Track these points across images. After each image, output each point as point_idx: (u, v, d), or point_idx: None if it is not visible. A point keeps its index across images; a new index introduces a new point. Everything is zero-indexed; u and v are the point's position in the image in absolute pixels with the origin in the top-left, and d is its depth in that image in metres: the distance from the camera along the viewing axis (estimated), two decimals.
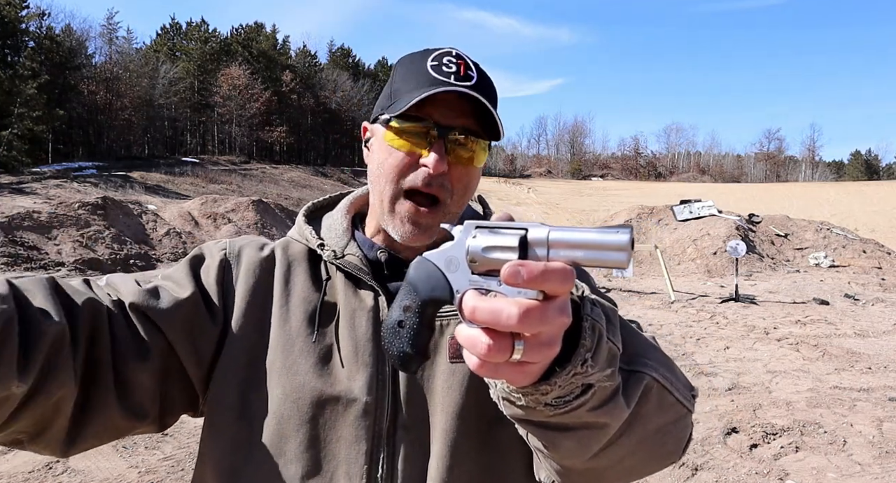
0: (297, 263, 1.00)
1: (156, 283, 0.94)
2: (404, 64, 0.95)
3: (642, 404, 0.75)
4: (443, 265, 0.65)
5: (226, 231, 22.98)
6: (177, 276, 0.97)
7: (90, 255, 16.92)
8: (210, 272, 0.98)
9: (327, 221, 1.06)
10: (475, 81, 0.90)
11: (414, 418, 0.91)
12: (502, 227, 0.62)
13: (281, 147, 72.82)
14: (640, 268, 15.25)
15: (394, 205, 0.92)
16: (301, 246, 1.03)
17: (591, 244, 0.58)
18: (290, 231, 1.09)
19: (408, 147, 0.89)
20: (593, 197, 59.53)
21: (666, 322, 8.92)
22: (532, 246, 0.60)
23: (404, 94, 0.90)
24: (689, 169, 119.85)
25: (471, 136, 0.90)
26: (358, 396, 0.90)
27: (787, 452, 4.29)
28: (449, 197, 0.91)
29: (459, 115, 0.89)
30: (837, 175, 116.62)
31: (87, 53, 58.18)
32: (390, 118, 0.90)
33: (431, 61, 0.91)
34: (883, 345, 7.48)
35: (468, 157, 0.91)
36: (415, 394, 0.92)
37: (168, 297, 0.91)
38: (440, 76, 0.89)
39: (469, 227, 0.64)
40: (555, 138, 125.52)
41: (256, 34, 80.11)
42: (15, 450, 4.17)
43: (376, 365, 0.92)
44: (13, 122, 41.93)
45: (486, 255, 0.61)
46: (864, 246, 17.64)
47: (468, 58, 0.93)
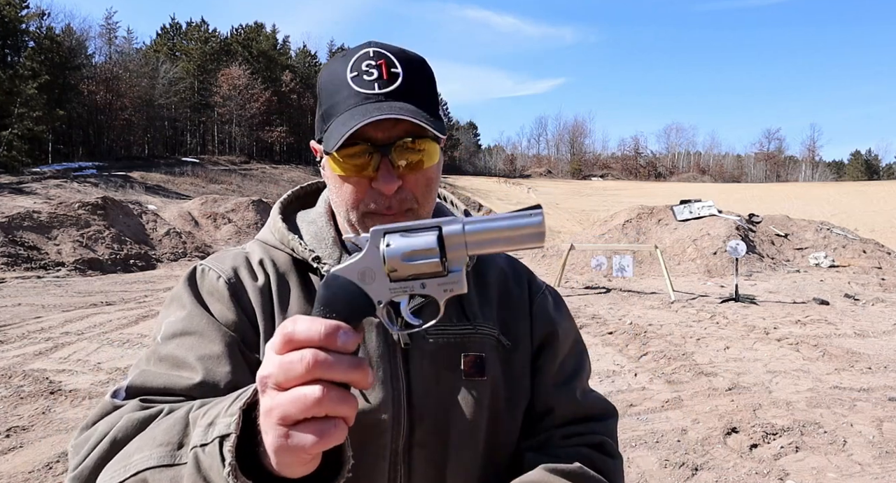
0: (288, 277, 0.96)
1: (191, 363, 0.85)
2: (325, 78, 0.91)
3: None
4: (356, 278, 0.62)
5: (226, 231, 22.98)
6: (199, 329, 0.89)
7: (90, 255, 16.92)
8: (225, 308, 0.92)
9: (310, 227, 1.01)
10: (401, 81, 0.86)
11: (428, 435, 0.91)
12: (413, 228, 0.62)
13: (281, 147, 72.86)
14: (640, 268, 15.25)
15: (363, 224, 0.89)
16: (284, 255, 0.98)
17: (507, 232, 0.60)
18: (262, 232, 1.03)
19: (355, 174, 0.87)
20: (593, 197, 59.53)
21: (666, 322, 8.92)
22: (449, 244, 0.61)
23: (334, 120, 0.86)
24: (689, 169, 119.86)
25: (415, 139, 0.86)
26: (377, 415, 0.88)
27: (787, 452, 4.28)
28: (414, 203, 0.89)
29: (396, 124, 0.85)
30: (837, 175, 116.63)
31: (87, 53, 58.25)
32: (329, 152, 0.87)
33: (351, 72, 0.86)
34: (883, 345, 7.48)
35: (418, 161, 0.87)
36: (429, 411, 0.91)
37: (222, 369, 0.85)
38: (363, 88, 0.85)
39: (377, 233, 0.63)
40: (555, 138, 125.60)
41: (256, 34, 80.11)
42: (15, 450, 4.18)
43: (391, 382, 0.90)
44: (13, 122, 41.94)
45: (409, 263, 0.61)
46: (864, 246, 17.64)
47: (389, 52, 0.87)
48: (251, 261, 0.97)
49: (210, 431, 0.65)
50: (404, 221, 0.84)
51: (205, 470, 0.64)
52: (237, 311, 0.91)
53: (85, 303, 10.51)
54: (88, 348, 7.04)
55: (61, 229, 17.59)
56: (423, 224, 0.62)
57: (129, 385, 0.85)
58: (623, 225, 19.50)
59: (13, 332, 7.90)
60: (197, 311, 0.90)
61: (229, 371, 0.84)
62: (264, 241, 1.01)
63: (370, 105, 0.84)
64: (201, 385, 0.82)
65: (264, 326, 0.90)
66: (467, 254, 0.62)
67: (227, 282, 0.93)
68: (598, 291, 12.37)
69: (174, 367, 0.85)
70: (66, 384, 5.66)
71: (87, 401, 5.22)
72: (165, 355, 0.87)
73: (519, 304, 1.06)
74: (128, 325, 8.43)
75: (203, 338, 0.87)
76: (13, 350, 6.91)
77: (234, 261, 0.97)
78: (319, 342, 0.56)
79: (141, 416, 0.77)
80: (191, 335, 0.88)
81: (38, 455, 4.13)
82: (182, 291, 0.94)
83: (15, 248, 15.78)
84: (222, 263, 0.96)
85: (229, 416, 0.64)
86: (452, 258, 0.62)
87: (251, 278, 0.94)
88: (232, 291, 0.92)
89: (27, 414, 4.90)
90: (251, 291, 0.93)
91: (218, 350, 0.86)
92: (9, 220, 16.80)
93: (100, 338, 7.56)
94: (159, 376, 0.85)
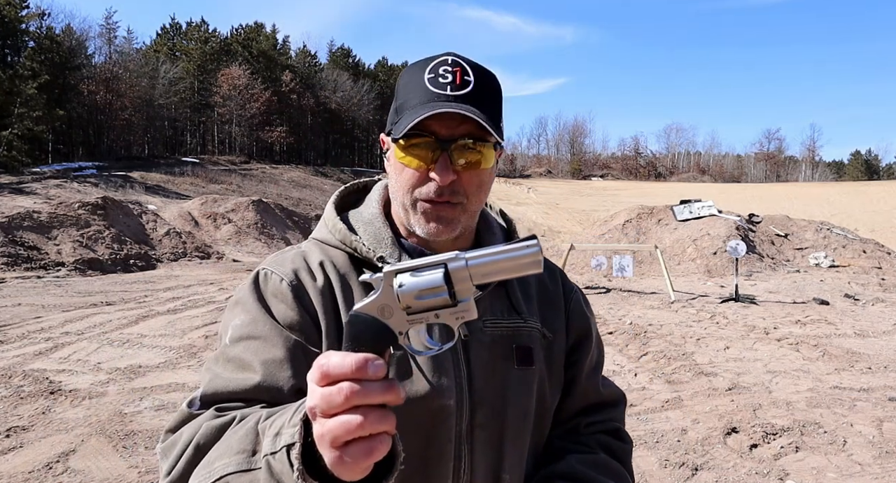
0: (348, 277, 1.03)
1: (256, 367, 0.92)
2: (404, 77, 1.00)
3: None
4: (377, 313, 0.70)
5: (226, 231, 22.98)
6: (263, 333, 0.95)
7: (90, 255, 16.91)
8: (289, 309, 0.98)
9: (367, 228, 1.06)
10: (472, 87, 0.95)
11: (488, 418, 1.00)
12: (422, 266, 0.70)
13: (281, 147, 72.83)
14: (640, 268, 15.24)
15: (414, 209, 0.98)
16: (343, 255, 1.05)
17: (507, 262, 0.68)
18: (320, 232, 1.09)
19: (416, 163, 0.95)
20: (593, 197, 59.51)
21: (666, 322, 8.92)
22: (455, 279, 0.69)
23: (406, 112, 0.95)
24: (689, 169, 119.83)
25: (475, 141, 0.94)
26: (443, 401, 0.97)
27: (787, 452, 4.28)
28: (464, 198, 0.97)
29: (460, 124, 0.93)
30: (837, 175, 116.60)
31: (87, 53, 58.16)
32: (397, 139, 0.95)
33: (428, 74, 0.95)
34: (883, 345, 7.48)
35: (475, 161, 0.96)
36: (488, 396, 1.01)
37: (284, 374, 0.92)
38: (437, 89, 0.94)
39: (389, 275, 0.70)
40: (555, 138, 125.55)
41: (256, 34, 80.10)
42: (15, 450, 4.18)
43: (454, 370, 0.99)
44: (13, 122, 41.93)
45: (421, 300, 0.68)
46: (864, 246, 17.63)
47: (465, 62, 0.97)
48: (310, 262, 1.04)
49: (277, 441, 0.73)
50: (450, 212, 0.98)
51: (277, 474, 0.73)
52: (300, 311, 0.98)
53: (85, 303, 10.51)
54: (88, 348, 7.04)
55: (61, 229, 17.59)
56: (430, 262, 0.69)
57: (203, 394, 0.94)
58: (623, 225, 19.49)
59: (13, 332, 7.90)
60: (261, 316, 0.97)
61: (290, 375, 0.92)
62: (322, 241, 1.08)
63: (440, 103, 0.93)
64: (263, 387, 0.91)
65: (326, 324, 0.97)
66: (473, 285, 0.69)
67: (290, 284, 0.99)
68: (598, 291, 12.37)
69: (239, 370, 0.93)
70: (66, 384, 5.66)
71: (87, 401, 5.22)
72: (233, 357, 0.94)
73: (555, 300, 1.16)
74: (128, 325, 8.43)
75: (266, 342, 0.94)
76: (13, 350, 6.91)
77: (294, 263, 1.03)
78: (352, 374, 0.63)
79: (218, 424, 0.86)
80: (256, 339, 0.95)
81: (38, 455, 4.12)
82: (247, 295, 1.00)
83: (15, 248, 15.77)
84: (283, 266, 1.03)
85: (292, 426, 0.71)
86: (460, 290, 0.69)
87: (311, 279, 1.01)
88: (295, 293, 0.99)
89: (27, 414, 4.90)
90: (312, 292, 1.00)
91: (280, 355, 0.93)
92: (9, 220, 16.79)
93: (100, 338, 7.56)
94: (228, 382, 0.92)
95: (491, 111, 0.96)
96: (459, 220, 0.99)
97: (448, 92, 0.94)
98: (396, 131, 0.95)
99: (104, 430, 4.57)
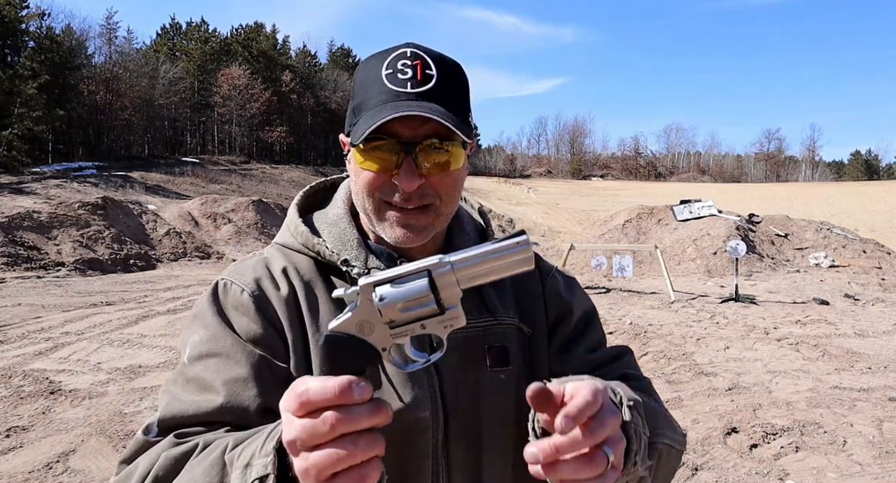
0: (313, 284, 0.95)
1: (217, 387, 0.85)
2: (361, 73, 0.92)
3: (658, 469, 0.84)
4: (355, 331, 0.63)
5: (226, 231, 22.97)
6: (224, 350, 0.88)
7: (90, 255, 16.92)
8: (252, 322, 0.91)
9: (332, 229, 0.99)
10: (435, 82, 0.87)
11: (463, 427, 0.93)
12: (402, 275, 0.63)
13: (281, 147, 72.82)
14: (640, 268, 15.24)
15: (379, 214, 0.90)
16: (307, 260, 0.98)
17: (495, 261, 0.63)
18: (282, 236, 1.02)
19: (377, 167, 0.87)
20: (593, 197, 59.52)
21: (666, 322, 8.92)
22: (441, 285, 0.63)
23: (364, 113, 0.87)
24: (689, 169, 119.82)
25: (442, 140, 0.86)
26: (417, 413, 0.90)
27: (787, 452, 4.28)
28: (437, 200, 0.89)
29: (423, 123, 0.85)
30: (837, 175, 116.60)
31: (87, 53, 58.16)
32: (356, 144, 0.88)
33: (386, 69, 0.87)
34: (883, 345, 7.48)
35: (444, 162, 0.88)
36: (461, 405, 0.93)
37: (248, 392, 0.85)
38: (396, 87, 0.86)
39: (366, 288, 0.64)
40: (555, 138, 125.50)
41: (256, 34, 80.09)
42: (15, 450, 4.18)
43: (426, 379, 0.92)
44: (13, 122, 41.94)
45: (406, 312, 0.63)
46: (864, 246, 17.63)
47: (426, 54, 0.88)
48: (272, 270, 0.96)
49: (248, 473, 0.66)
50: (422, 219, 0.89)
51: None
52: (264, 323, 0.90)
53: (85, 303, 10.51)
54: (88, 348, 7.04)
55: (61, 229, 17.59)
56: (412, 270, 0.63)
57: (161, 419, 0.86)
58: (623, 225, 19.49)
59: (13, 332, 7.90)
60: (221, 332, 0.90)
61: (256, 394, 0.85)
62: (285, 245, 1.00)
63: (400, 103, 0.85)
64: (227, 409, 0.84)
65: (292, 336, 0.90)
66: (460, 289, 0.63)
67: (252, 295, 0.92)
68: (598, 291, 12.37)
69: (200, 391, 0.86)
70: (66, 384, 5.66)
71: (86, 401, 5.22)
72: (192, 377, 0.87)
73: (531, 286, 1.07)
74: (128, 325, 8.44)
75: (228, 359, 0.87)
76: (13, 350, 6.91)
77: (255, 271, 0.96)
78: (336, 401, 0.58)
79: (178, 453, 0.79)
80: (216, 357, 0.88)
81: (38, 455, 4.13)
82: (206, 309, 0.93)
83: (15, 248, 15.77)
84: (244, 276, 0.95)
85: (264, 456, 0.65)
86: (447, 297, 0.63)
87: (274, 288, 0.94)
88: (257, 304, 0.91)
89: (27, 414, 4.90)
90: (276, 302, 0.92)
91: (244, 372, 0.86)
92: (9, 220, 16.79)
93: (100, 338, 7.56)
94: (189, 405, 0.85)
95: (457, 106, 0.88)
96: (433, 226, 0.91)
97: (409, 89, 0.85)
98: (355, 136, 0.87)
99: (104, 430, 4.57)
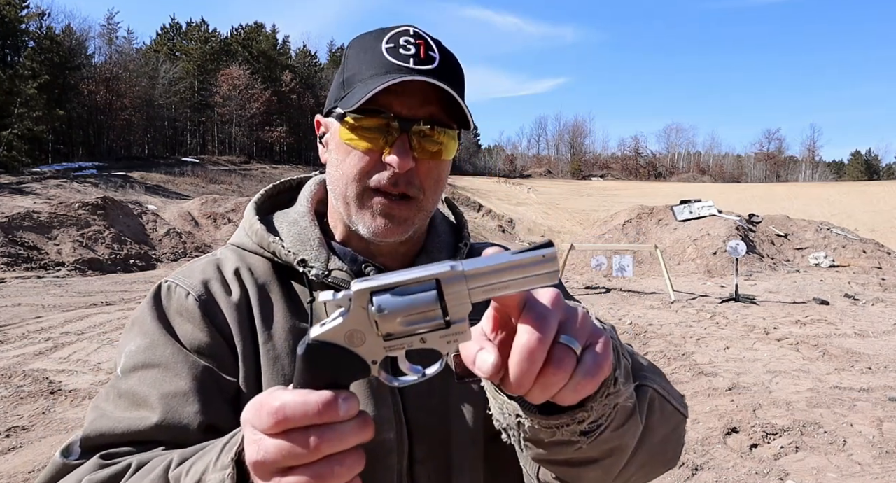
0: (268, 287, 0.87)
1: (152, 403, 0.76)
2: (356, 47, 0.84)
3: (650, 416, 0.73)
4: (343, 342, 0.54)
5: (226, 231, 22.97)
6: (163, 360, 0.79)
7: (90, 255, 16.92)
8: (197, 330, 0.82)
9: (291, 228, 0.91)
10: (437, 63, 0.80)
11: (428, 450, 0.84)
12: (405, 282, 0.53)
13: (281, 147, 72.85)
14: (640, 268, 15.25)
15: (361, 201, 0.82)
16: (263, 261, 0.89)
17: (514, 273, 0.53)
18: (237, 236, 0.93)
19: (367, 145, 0.79)
20: (593, 197, 59.51)
21: (666, 322, 8.92)
22: (449, 297, 0.53)
23: (358, 84, 0.80)
24: (689, 169, 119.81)
25: (437, 127, 0.80)
26: (381, 435, 0.80)
27: (787, 452, 4.28)
28: (420, 193, 0.83)
29: (423, 104, 0.79)
30: (837, 175, 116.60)
31: (87, 53, 58.22)
32: (345, 113, 0.80)
33: (387, 43, 0.80)
34: (883, 345, 7.48)
35: (436, 150, 0.81)
36: (425, 425, 0.84)
37: (189, 409, 0.76)
38: (398, 60, 0.79)
39: (362, 294, 0.53)
40: (555, 138, 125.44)
41: (256, 34, 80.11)
42: (15, 450, 4.18)
43: (391, 397, 0.83)
44: (13, 122, 41.95)
45: (408, 326, 0.53)
46: (864, 246, 17.64)
47: (428, 36, 0.83)
48: (224, 271, 0.88)
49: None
50: (405, 210, 0.82)
51: None
52: (210, 331, 0.81)
53: (85, 303, 10.51)
54: (88, 348, 7.04)
55: (61, 229, 17.59)
56: (416, 277, 0.53)
57: (84, 437, 0.75)
58: (623, 225, 19.50)
59: (13, 332, 7.90)
60: (161, 339, 0.80)
61: (197, 409, 0.75)
62: (239, 246, 0.92)
63: (403, 75, 0.78)
64: (163, 427, 0.74)
65: (242, 346, 0.81)
66: (471, 303, 0.54)
67: (198, 299, 0.83)
68: (598, 291, 12.37)
69: (133, 407, 0.76)
70: (66, 384, 5.66)
71: (87, 401, 5.22)
72: (125, 391, 0.77)
73: None
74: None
75: (167, 371, 0.77)
76: (13, 350, 6.91)
77: (204, 273, 0.87)
78: (318, 419, 0.50)
79: (104, 477, 0.68)
80: (154, 368, 0.78)
81: (38, 455, 4.13)
82: (146, 314, 0.83)
83: (15, 248, 15.78)
84: (190, 278, 0.86)
85: (220, 469, 0.57)
86: (454, 310, 0.54)
87: (225, 292, 0.85)
88: (204, 309, 0.82)
89: (27, 414, 4.90)
90: (225, 307, 0.83)
91: (184, 386, 0.76)
92: (9, 220, 16.80)
93: (100, 338, 7.56)
94: (118, 422, 0.75)
95: (458, 93, 0.80)
96: (413, 221, 0.84)
97: (411, 65, 0.78)
98: (345, 104, 0.79)
99: None
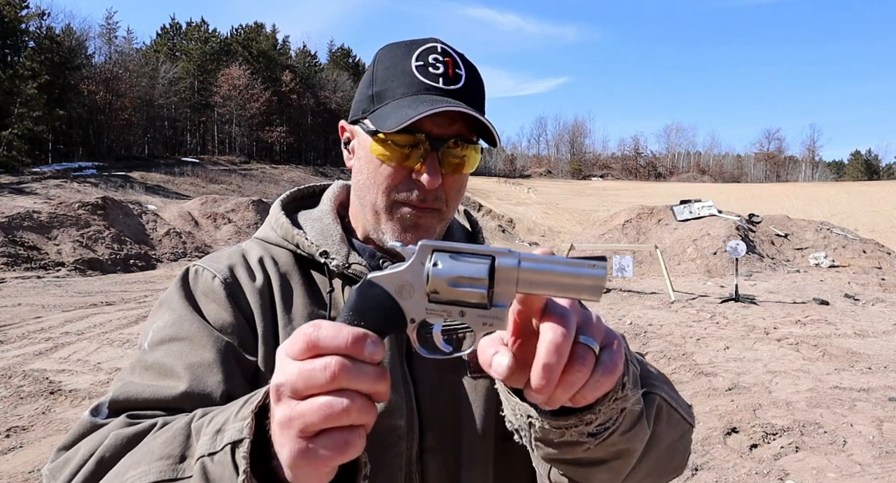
0: (290, 276, 0.92)
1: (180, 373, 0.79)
2: (386, 59, 0.89)
3: (657, 423, 0.76)
4: (394, 291, 0.57)
5: (226, 231, 22.97)
6: (189, 334, 0.82)
7: (90, 255, 16.92)
8: (221, 309, 0.86)
9: (315, 224, 0.97)
10: (464, 82, 0.86)
11: (439, 440, 0.87)
12: (465, 251, 0.57)
13: (281, 147, 72.82)
14: (640, 268, 15.25)
15: (391, 213, 0.88)
16: (286, 253, 0.95)
17: (565, 278, 0.54)
18: (262, 230, 0.99)
19: (398, 161, 0.85)
20: (593, 197, 59.49)
21: (666, 322, 8.92)
22: (499, 277, 0.56)
23: (389, 99, 0.85)
24: (689, 169, 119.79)
25: (464, 143, 0.86)
26: (392, 421, 0.84)
27: (787, 452, 4.28)
28: (444, 205, 0.88)
29: (451, 122, 0.84)
30: (837, 175, 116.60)
31: (87, 53, 58.17)
32: (377, 130, 0.84)
33: (416, 61, 0.85)
34: (883, 345, 7.48)
35: (461, 165, 0.87)
36: (437, 414, 0.87)
37: (213, 378, 0.79)
38: (427, 80, 0.84)
39: (425, 249, 0.57)
40: (555, 138, 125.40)
41: (256, 34, 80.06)
42: (15, 450, 4.18)
43: (404, 386, 0.86)
44: (13, 122, 41.93)
45: (453, 288, 0.56)
46: (864, 246, 17.64)
47: (454, 52, 0.88)
48: (249, 259, 0.93)
49: (219, 438, 0.59)
50: (430, 220, 0.87)
51: (214, 481, 0.59)
52: (234, 311, 0.85)
53: (85, 303, 10.51)
54: (88, 348, 7.04)
55: (61, 229, 17.59)
56: (475, 249, 0.57)
57: (112, 399, 0.78)
58: (623, 225, 19.50)
59: (13, 332, 7.90)
60: (188, 315, 0.84)
61: (221, 380, 0.78)
62: (264, 239, 0.97)
63: (435, 97, 0.83)
64: (189, 395, 0.76)
65: (263, 328, 0.85)
66: (516, 291, 0.56)
67: (224, 281, 0.88)
68: None
69: (161, 377, 0.78)
70: (66, 384, 5.66)
71: (87, 401, 5.22)
72: (152, 363, 0.80)
73: None
74: (128, 325, 8.43)
75: (193, 344, 0.81)
76: (13, 350, 6.91)
77: (231, 259, 0.92)
78: (346, 350, 0.52)
79: (130, 433, 0.70)
80: (180, 341, 0.81)
81: (38, 455, 4.13)
82: (174, 294, 0.88)
83: (15, 248, 15.77)
84: (217, 263, 0.91)
85: (240, 420, 0.58)
86: (499, 292, 0.56)
87: (249, 278, 0.90)
88: (228, 291, 0.87)
89: (27, 414, 4.90)
90: (249, 291, 0.88)
91: (209, 357, 0.79)
92: (9, 220, 16.79)
93: (100, 338, 7.56)
94: (145, 388, 0.77)
95: (480, 110, 0.87)
96: (436, 229, 0.89)
97: (441, 85, 0.84)
98: (381, 123, 0.83)
99: None
